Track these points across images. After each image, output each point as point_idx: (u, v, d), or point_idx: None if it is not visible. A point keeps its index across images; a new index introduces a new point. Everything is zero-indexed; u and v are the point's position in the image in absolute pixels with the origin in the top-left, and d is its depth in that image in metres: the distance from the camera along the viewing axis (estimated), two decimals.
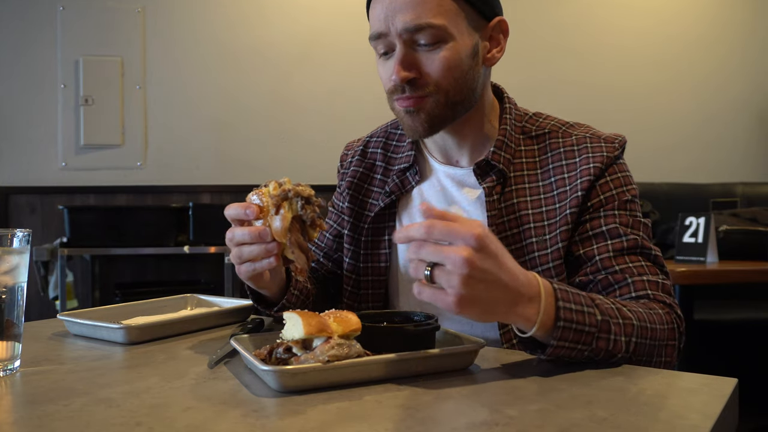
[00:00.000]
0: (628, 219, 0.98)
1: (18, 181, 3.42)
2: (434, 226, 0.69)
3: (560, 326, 0.75)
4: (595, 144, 1.01)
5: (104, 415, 0.62)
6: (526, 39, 3.75)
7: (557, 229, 0.99)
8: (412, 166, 1.11)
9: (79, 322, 0.98)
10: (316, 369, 0.68)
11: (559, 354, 0.76)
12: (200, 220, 3.05)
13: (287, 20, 3.63)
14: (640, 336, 0.82)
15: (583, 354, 0.77)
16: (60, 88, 3.45)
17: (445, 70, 0.96)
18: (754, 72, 3.95)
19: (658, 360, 0.85)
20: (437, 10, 0.94)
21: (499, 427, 0.58)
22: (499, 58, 1.03)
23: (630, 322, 0.82)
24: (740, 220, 2.50)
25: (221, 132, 3.58)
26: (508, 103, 1.08)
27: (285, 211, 0.84)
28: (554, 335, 0.75)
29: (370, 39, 1.00)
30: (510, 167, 1.03)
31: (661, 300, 0.92)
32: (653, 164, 3.66)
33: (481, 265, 0.68)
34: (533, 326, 0.74)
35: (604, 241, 0.97)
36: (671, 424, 0.59)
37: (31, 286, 2.45)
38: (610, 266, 0.95)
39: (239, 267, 0.91)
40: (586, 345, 0.77)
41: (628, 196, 1.00)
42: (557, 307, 0.76)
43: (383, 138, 1.18)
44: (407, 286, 1.08)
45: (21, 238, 0.79)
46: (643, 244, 0.97)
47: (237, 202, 0.90)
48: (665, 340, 0.86)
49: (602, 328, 0.78)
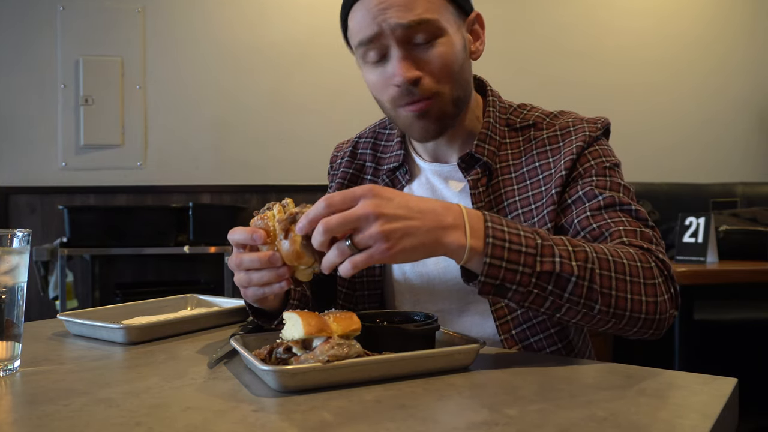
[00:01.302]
0: (606, 182, 0.97)
1: (18, 181, 3.42)
2: (331, 197, 0.72)
3: (489, 243, 0.74)
4: (578, 126, 1.02)
5: (104, 415, 0.62)
6: (526, 39, 3.75)
7: (544, 210, 0.98)
8: (402, 166, 1.11)
9: (79, 322, 0.98)
10: (316, 369, 0.68)
11: (499, 276, 0.74)
12: (200, 220, 3.05)
13: (287, 20, 3.63)
14: (601, 267, 0.79)
15: (529, 280, 0.75)
16: (60, 88, 3.45)
17: (444, 66, 0.94)
18: (754, 72, 3.95)
19: (637, 299, 0.81)
20: (427, 5, 0.92)
21: (499, 427, 0.58)
22: (482, 50, 1.04)
23: (581, 250, 0.79)
24: (740, 220, 2.50)
25: (221, 132, 3.58)
26: (491, 96, 1.08)
27: (294, 234, 0.83)
28: (485, 252, 0.74)
29: (358, 46, 0.96)
30: (495, 159, 1.03)
31: (638, 245, 0.88)
32: (653, 164, 3.66)
33: (389, 205, 0.72)
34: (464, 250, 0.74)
35: (582, 204, 0.96)
36: (671, 424, 0.59)
37: (31, 286, 2.45)
38: (587, 225, 0.93)
39: (245, 290, 0.88)
40: (529, 267, 0.75)
41: (607, 163, 0.99)
42: (486, 227, 0.75)
43: (372, 138, 1.18)
44: (403, 287, 1.08)
45: (21, 238, 0.79)
46: (621, 200, 0.94)
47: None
48: (641, 278, 0.82)
49: (544, 252, 0.76)
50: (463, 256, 0.75)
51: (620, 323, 0.81)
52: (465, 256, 0.75)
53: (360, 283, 1.10)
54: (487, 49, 1.06)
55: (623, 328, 0.83)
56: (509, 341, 0.98)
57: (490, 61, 2.56)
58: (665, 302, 0.84)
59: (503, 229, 0.76)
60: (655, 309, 0.83)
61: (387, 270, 1.10)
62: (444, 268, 1.04)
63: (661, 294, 0.84)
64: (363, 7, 0.94)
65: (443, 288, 1.04)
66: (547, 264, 0.76)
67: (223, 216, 3.10)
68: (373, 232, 0.71)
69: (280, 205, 0.86)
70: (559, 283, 0.77)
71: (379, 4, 0.92)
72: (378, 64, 0.97)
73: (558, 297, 0.78)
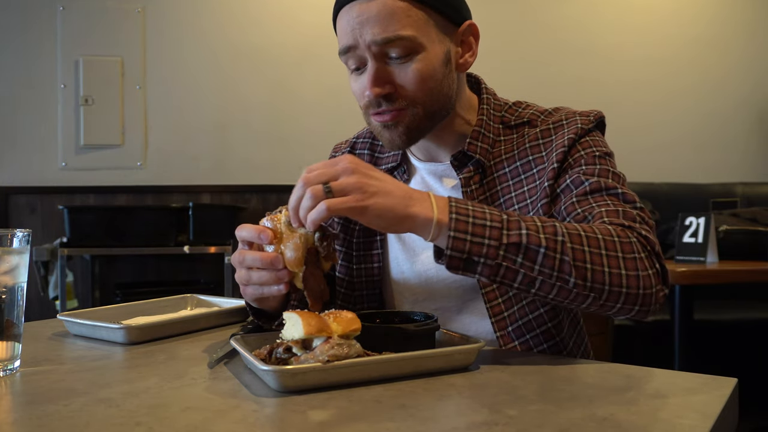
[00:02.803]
0: (594, 169, 0.96)
1: (18, 181, 3.42)
2: (313, 166, 0.79)
3: (453, 218, 0.77)
4: (570, 119, 1.01)
5: (104, 415, 0.62)
6: (526, 39, 3.75)
7: (538, 204, 0.98)
8: (400, 166, 1.11)
9: (79, 322, 0.98)
10: (316, 369, 0.68)
11: (465, 249, 0.77)
12: (200, 220, 3.05)
13: (287, 20, 3.63)
14: (572, 241, 0.79)
15: (496, 253, 0.77)
16: (60, 88, 3.45)
17: (419, 82, 0.94)
18: (754, 71, 3.95)
19: (616, 272, 0.80)
20: (405, 21, 0.92)
21: (499, 427, 0.58)
22: (471, 62, 1.02)
23: (550, 225, 0.80)
24: (740, 220, 2.50)
25: (221, 132, 3.58)
26: (485, 94, 1.08)
27: (300, 241, 0.83)
28: (449, 226, 0.77)
29: (339, 54, 0.98)
30: (488, 156, 1.03)
31: (618, 223, 0.86)
32: (653, 164, 3.66)
33: (365, 166, 0.79)
34: (431, 224, 0.77)
35: (570, 192, 0.95)
36: (671, 424, 0.59)
37: (31, 286, 2.45)
38: (573, 210, 0.93)
39: (245, 288, 0.89)
40: (494, 240, 0.77)
41: (597, 153, 0.98)
42: (450, 205, 0.79)
43: (369, 139, 1.18)
44: (402, 287, 1.08)
45: (21, 238, 0.79)
46: (607, 185, 0.93)
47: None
48: (618, 252, 0.81)
49: (510, 226, 0.78)
50: (431, 231, 0.78)
51: (601, 298, 0.81)
52: (432, 231, 0.78)
53: (359, 283, 1.10)
54: (485, 48, 1.05)
55: (605, 304, 0.81)
56: (505, 338, 0.98)
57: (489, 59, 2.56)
58: (649, 277, 0.82)
59: (467, 207, 0.79)
60: (638, 283, 0.80)
61: (386, 270, 1.10)
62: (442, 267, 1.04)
63: (644, 269, 0.82)
64: (345, 15, 0.95)
65: (441, 287, 1.04)
66: (513, 236, 0.78)
67: (223, 216, 3.10)
68: (351, 180, 0.76)
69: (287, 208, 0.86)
70: (528, 254, 0.78)
71: (358, 16, 0.92)
72: (357, 72, 0.98)
73: (529, 270, 0.78)
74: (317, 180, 0.77)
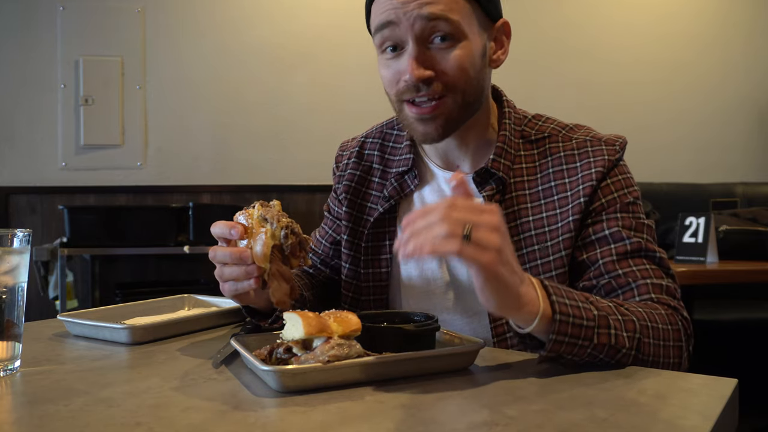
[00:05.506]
0: (631, 222, 0.96)
1: (18, 181, 3.41)
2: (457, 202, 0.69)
3: (557, 319, 0.75)
4: (596, 147, 0.99)
5: (104, 415, 0.62)
6: (526, 39, 3.75)
7: (559, 236, 0.97)
8: (411, 170, 1.08)
9: (79, 322, 0.98)
10: (316, 369, 0.68)
11: (560, 351, 0.76)
12: (200, 220, 3.05)
13: (287, 20, 3.63)
14: (643, 334, 0.81)
15: (585, 351, 0.77)
16: (60, 88, 3.45)
17: (460, 69, 0.93)
18: (755, 71, 3.95)
19: (665, 361, 0.84)
20: (453, 6, 0.91)
21: (499, 427, 0.58)
22: (503, 60, 1.02)
23: (630, 318, 0.81)
24: (740, 220, 2.50)
25: (221, 132, 3.58)
26: (507, 107, 1.05)
27: (267, 237, 0.83)
28: (552, 329, 0.75)
29: (375, 30, 0.95)
30: (510, 173, 1.01)
31: (665, 303, 0.91)
32: (653, 164, 3.66)
33: (506, 226, 0.71)
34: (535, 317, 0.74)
35: (607, 245, 0.95)
36: (671, 425, 0.59)
37: (31, 286, 2.45)
38: (613, 270, 0.94)
39: (222, 285, 0.90)
40: (587, 340, 0.76)
41: (630, 198, 0.98)
42: (551, 301, 0.76)
43: (379, 139, 1.16)
44: (409, 292, 1.07)
45: (21, 238, 0.79)
46: (647, 246, 0.96)
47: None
48: (670, 341, 0.85)
49: (601, 324, 0.78)
50: (532, 324, 0.75)
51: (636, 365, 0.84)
52: (534, 325, 0.75)
53: (366, 288, 1.09)
54: None
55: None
56: (502, 345, 0.98)
57: None
58: (683, 362, 0.88)
59: (566, 302, 0.77)
60: (670, 363, 0.86)
61: (393, 275, 1.09)
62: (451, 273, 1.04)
63: (682, 355, 0.87)
64: None
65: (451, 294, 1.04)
66: (603, 336, 0.78)
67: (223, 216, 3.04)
68: (493, 238, 0.68)
69: (260, 204, 0.87)
70: (610, 353, 0.79)
71: None
72: (392, 59, 0.96)
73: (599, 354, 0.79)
74: (460, 220, 0.68)
